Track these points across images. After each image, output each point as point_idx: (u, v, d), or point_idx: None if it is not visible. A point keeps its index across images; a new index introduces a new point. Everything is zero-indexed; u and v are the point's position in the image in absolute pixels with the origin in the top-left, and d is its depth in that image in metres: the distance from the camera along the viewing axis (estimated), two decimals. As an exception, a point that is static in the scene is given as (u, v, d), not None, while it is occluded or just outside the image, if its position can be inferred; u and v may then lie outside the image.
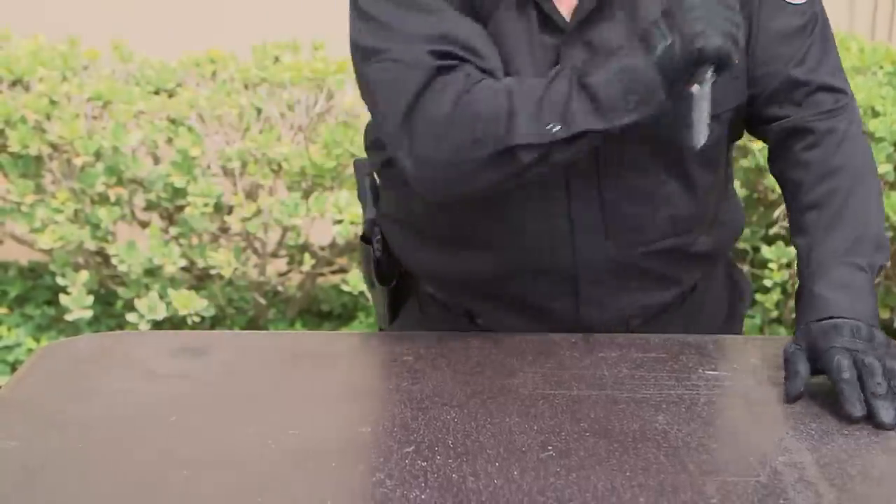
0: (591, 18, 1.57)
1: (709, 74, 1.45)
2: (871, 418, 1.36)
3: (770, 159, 1.72)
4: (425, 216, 1.72)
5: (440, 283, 1.77)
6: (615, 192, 1.62)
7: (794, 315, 3.72)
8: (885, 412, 1.35)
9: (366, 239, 1.83)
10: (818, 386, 1.47)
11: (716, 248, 1.77)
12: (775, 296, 3.49)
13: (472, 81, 1.50)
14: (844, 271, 1.54)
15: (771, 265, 3.43)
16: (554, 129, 1.46)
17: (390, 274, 1.82)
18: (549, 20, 1.57)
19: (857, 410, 1.36)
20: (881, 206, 1.65)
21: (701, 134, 1.47)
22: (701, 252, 1.73)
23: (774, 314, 3.58)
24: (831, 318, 1.48)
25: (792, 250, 3.39)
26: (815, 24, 1.65)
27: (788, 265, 3.44)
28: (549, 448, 1.28)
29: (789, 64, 1.63)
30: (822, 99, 1.65)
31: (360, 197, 1.85)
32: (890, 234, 3.09)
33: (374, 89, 1.57)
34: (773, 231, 3.63)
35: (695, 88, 1.45)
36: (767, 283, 3.45)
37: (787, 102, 1.65)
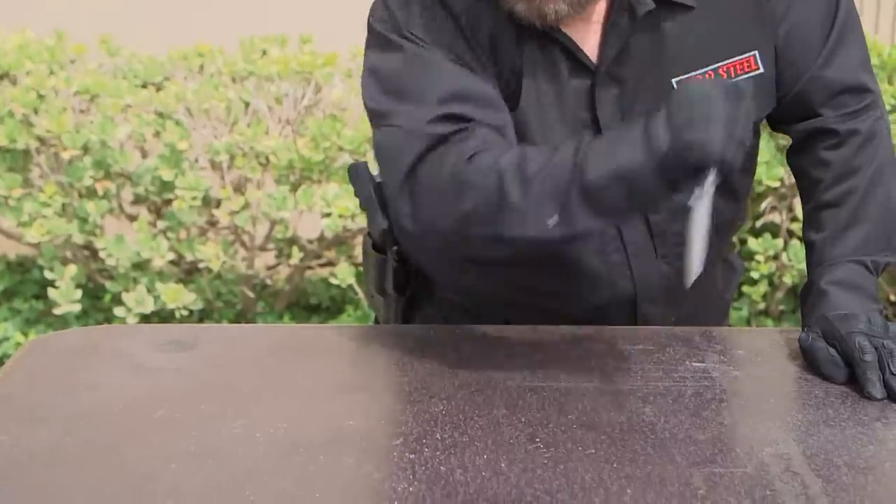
0: (619, 55, 1.57)
1: (710, 179, 1.32)
2: (890, 397, 1.41)
3: (790, 153, 1.74)
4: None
5: (480, 300, 1.77)
6: (660, 212, 1.64)
7: (780, 307, 3.75)
8: None
9: (377, 248, 1.81)
10: (805, 377, 1.48)
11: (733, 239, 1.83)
12: (762, 288, 3.50)
13: (470, 151, 1.45)
14: (854, 269, 1.59)
15: (758, 257, 3.44)
16: (552, 224, 1.40)
17: (405, 283, 1.82)
18: (578, 64, 1.57)
19: (879, 392, 1.41)
20: (894, 203, 1.67)
21: (695, 261, 1.36)
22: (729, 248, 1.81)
23: (761, 306, 3.59)
24: (845, 310, 1.53)
25: (778, 243, 3.42)
26: (840, 15, 1.65)
27: (775, 257, 3.45)
28: (537, 440, 1.28)
29: (815, 63, 1.64)
30: (846, 100, 1.66)
31: (365, 205, 1.81)
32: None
33: (378, 154, 1.56)
34: (760, 223, 3.64)
35: (693, 197, 1.34)
36: (754, 275, 3.46)
37: (811, 103, 1.66)
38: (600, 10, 1.57)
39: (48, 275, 3.44)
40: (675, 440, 1.29)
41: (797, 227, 3.51)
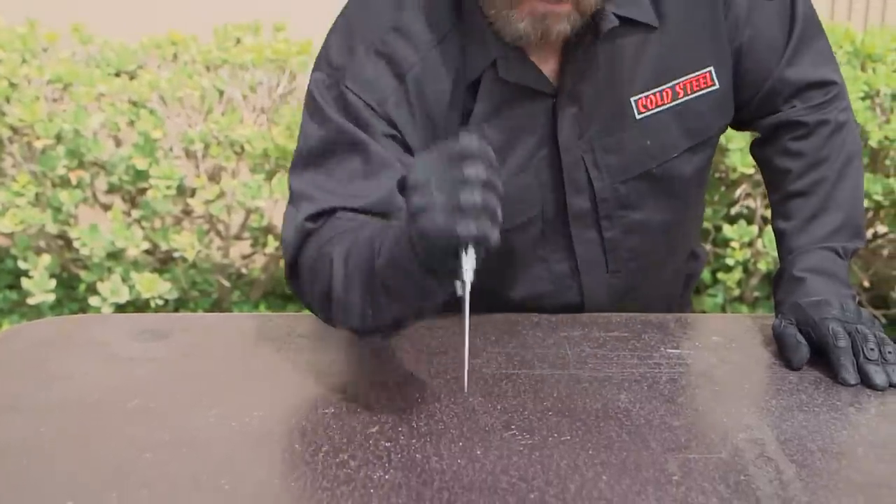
0: (579, 74, 1.56)
1: (467, 259, 1.16)
2: (863, 382, 1.42)
3: (756, 144, 1.75)
4: None
5: None
6: (614, 230, 1.66)
7: (755, 293, 3.76)
8: (877, 376, 1.42)
9: None
10: (779, 363, 1.49)
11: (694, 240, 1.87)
12: (737, 274, 3.51)
13: (325, 242, 1.45)
14: (825, 256, 1.60)
15: (733, 244, 3.45)
16: (370, 315, 1.36)
17: None
18: (541, 84, 1.56)
19: (852, 377, 1.43)
20: (862, 191, 1.69)
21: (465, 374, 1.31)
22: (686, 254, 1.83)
23: (736, 293, 3.61)
24: (818, 296, 1.54)
25: (752, 229, 3.43)
26: (799, 15, 1.66)
27: (750, 244, 3.46)
28: (513, 427, 1.29)
29: (780, 64, 1.65)
30: (813, 94, 1.68)
31: None
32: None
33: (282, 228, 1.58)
34: (734, 210, 3.65)
35: (458, 286, 1.18)
36: (729, 261, 3.47)
37: (778, 101, 1.68)
38: None
39: (22, 265, 3.43)
40: (650, 426, 1.29)
41: (771, 213, 3.52)
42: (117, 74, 3.59)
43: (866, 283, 3.63)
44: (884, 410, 1.36)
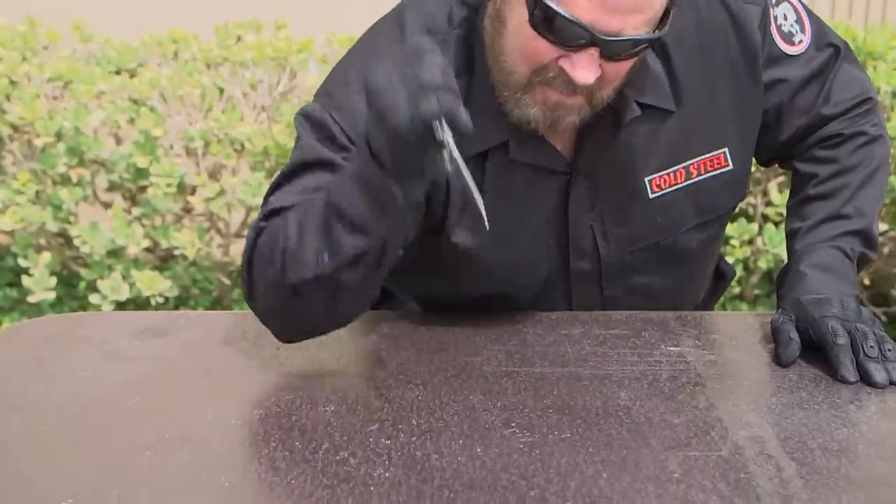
0: (595, 156, 1.58)
1: (443, 134, 1.24)
2: (863, 380, 1.42)
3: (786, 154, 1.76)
4: (423, 295, 1.75)
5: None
6: (615, 290, 1.67)
7: (755, 291, 3.76)
8: (877, 373, 1.41)
9: None
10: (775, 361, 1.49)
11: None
12: (737, 272, 3.51)
13: (281, 228, 1.45)
14: (832, 254, 1.60)
15: (733, 242, 3.45)
16: (326, 259, 1.38)
17: None
18: (553, 163, 1.57)
19: (852, 375, 1.42)
20: (882, 203, 1.70)
21: (480, 202, 1.29)
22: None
23: (736, 290, 3.61)
24: (819, 294, 1.54)
25: (753, 227, 3.43)
26: (840, 55, 1.68)
27: (750, 242, 3.46)
28: (513, 425, 1.29)
29: (815, 105, 1.68)
30: (850, 111, 1.70)
31: None
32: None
33: None
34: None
35: (447, 159, 1.26)
36: (729, 259, 3.47)
37: (814, 128, 1.70)
38: None
39: (22, 262, 3.43)
40: (650, 424, 1.29)
41: (772, 211, 3.52)
42: (118, 72, 3.59)
43: (867, 281, 3.63)
44: (884, 408, 1.36)
